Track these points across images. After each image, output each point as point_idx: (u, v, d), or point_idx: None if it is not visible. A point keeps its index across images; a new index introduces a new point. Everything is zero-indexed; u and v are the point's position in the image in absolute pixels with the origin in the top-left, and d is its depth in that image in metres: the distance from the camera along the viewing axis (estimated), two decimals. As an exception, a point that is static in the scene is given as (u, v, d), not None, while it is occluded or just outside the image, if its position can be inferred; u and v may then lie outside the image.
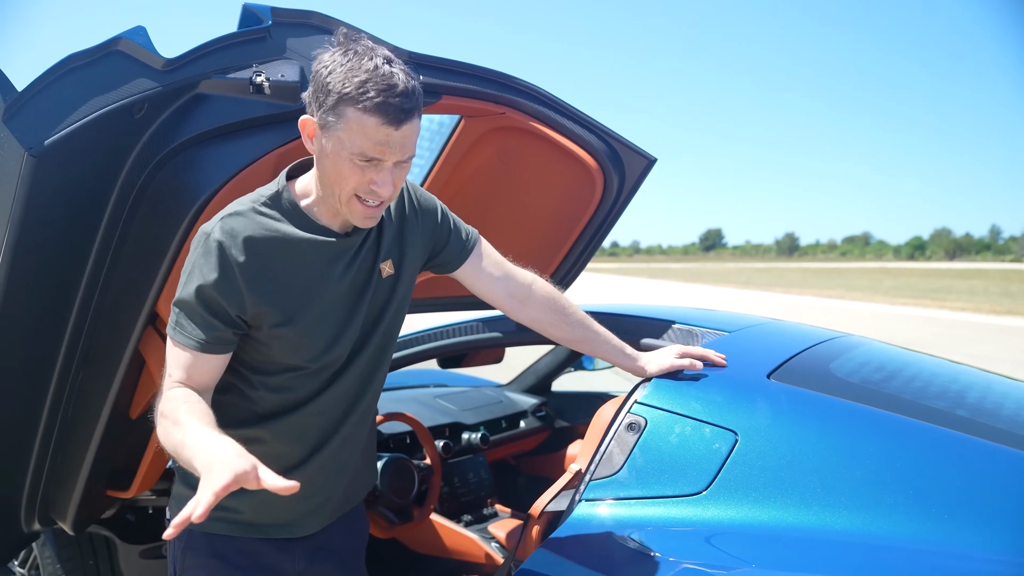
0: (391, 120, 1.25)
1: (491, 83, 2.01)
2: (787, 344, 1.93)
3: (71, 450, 1.92)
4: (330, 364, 1.48)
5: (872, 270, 67.81)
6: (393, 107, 1.25)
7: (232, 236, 1.35)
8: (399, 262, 1.55)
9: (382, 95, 1.24)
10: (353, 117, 1.25)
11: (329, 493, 1.58)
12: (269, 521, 1.53)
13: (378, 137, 1.26)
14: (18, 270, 1.54)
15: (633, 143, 2.24)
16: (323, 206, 1.41)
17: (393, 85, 1.25)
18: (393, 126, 1.26)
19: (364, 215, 1.36)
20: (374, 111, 1.24)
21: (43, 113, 1.46)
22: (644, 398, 1.62)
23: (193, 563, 1.52)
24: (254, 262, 1.35)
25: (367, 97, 1.24)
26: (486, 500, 2.83)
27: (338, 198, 1.34)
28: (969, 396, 1.79)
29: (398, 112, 1.25)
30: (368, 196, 1.33)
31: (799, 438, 1.46)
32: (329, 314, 1.44)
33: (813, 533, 1.32)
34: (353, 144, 1.27)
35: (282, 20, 1.73)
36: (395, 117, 1.25)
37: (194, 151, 1.65)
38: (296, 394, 1.47)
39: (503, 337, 2.49)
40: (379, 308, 1.53)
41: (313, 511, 1.57)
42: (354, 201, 1.34)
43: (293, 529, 1.55)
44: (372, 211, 1.36)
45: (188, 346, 1.35)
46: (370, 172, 1.30)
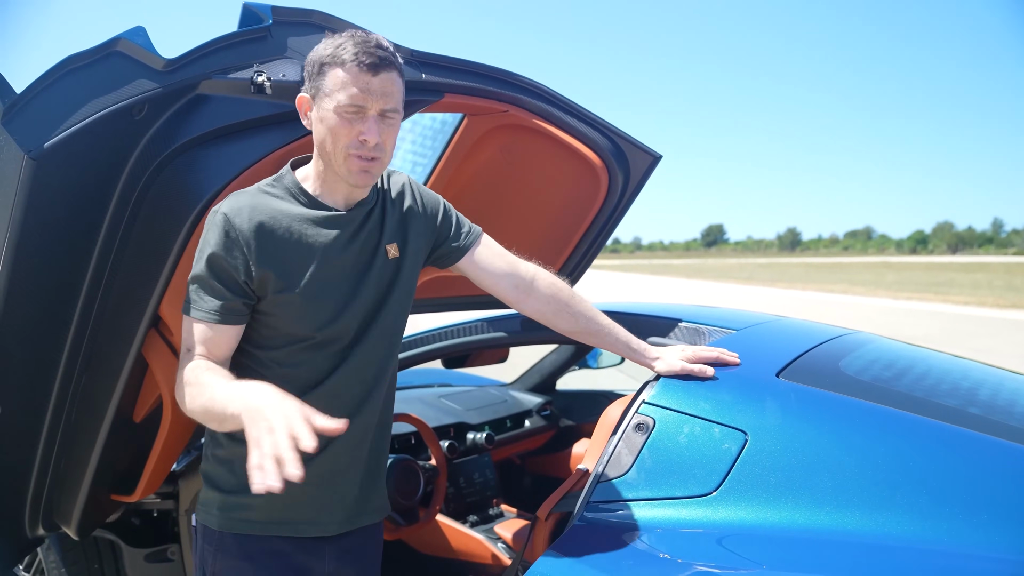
0: (368, 67, 1.38)
1: (494, 81, 2.00)
2: (795, 342, 1.91)
3: (75, 454, 1.91)
4: (337, 337, 1.51)
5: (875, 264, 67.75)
6: (368, 55, 1.38)
7: (237, 208, 1.44)
8: (402, 247, 1.60)
9: (357, 47, 1.38)
10: (335, 72, 1.39)
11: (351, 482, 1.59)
12: (298, 518, 1.54)
13: (358, 84, 1.38)
14: (19, 274, 1.52)
15: (638, 140, 2.22)
16: (324, 184, 1.51)
17: (367, 40, 1.40)
18: (371, 72, 1.38)
19: (360, 168, 1.44)
20: (352, 61, 1.38)
21: (43, 115, 1.44)
22: (652, 398, 1.60)
23: (225, 566, 1.53)
24: (258, 231, 1.43)
25: (345, 52, 1.38)
26: (492, 500, 2.82)
27: (335, 159, 1.44)
28: (980, 393, 1.77)
29: (373, 59, 1.38)
30: (359, 149, 1.42)
31: (810, 437, 1.45)
32: (332, 284, 1.49)
33: (825, 534, 1.31)
34: (338, 96, 1.39)
35: (283, 19, 1.72)
36: (371, 64, 1.38)
37: (195, 152, 1.64)
38: (308, 372, 1.50)
39: (508, 337, 2.47)
40: (385, 288, 1.57)
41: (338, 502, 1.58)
42: (350, 158, 1.43)
43: (323, 526, 1.56)
44: (368, 165, 1.44)
45: (202, 319, 1.43)
46: (357, 124, 1.41)
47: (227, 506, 1.52)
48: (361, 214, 1.54)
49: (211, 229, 1.45)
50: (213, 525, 1.53)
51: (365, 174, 1.45)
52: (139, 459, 2.06)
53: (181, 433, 2.02)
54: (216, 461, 1.55)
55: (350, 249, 1.52)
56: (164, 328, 1.79)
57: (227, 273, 1.43)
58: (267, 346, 1.51)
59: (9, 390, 1.69)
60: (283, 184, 1.51)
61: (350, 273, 1.52)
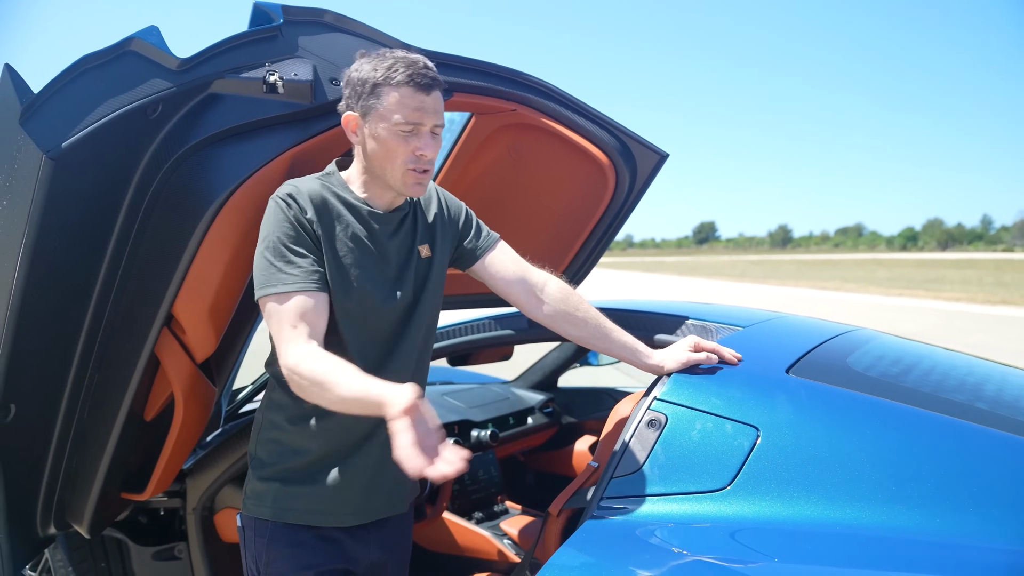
0: (422, 87, 1.48)
1: (502, 80, 2.00)
2: (803, 339, 1.93)
3: (87, 453, 1.91)
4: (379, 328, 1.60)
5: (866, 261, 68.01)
6: (420, 75, 1.48)
7: (297, 189, 1.54)
8: (432, 248, 1.70)
9: (410, 69, 1.47)
10: (391, 93, 1.48)
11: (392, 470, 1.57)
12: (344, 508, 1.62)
13: (414, 104, 1.48)
14: (36, 273, 1.53)
15: (644, 138, 2.23)
16: (369, 190, 1.60)
17: (416, 62, 1.49)
18: (424, 92, 1.49)
19: (416, 182, 1.54)
20: (407, 82, 1.47)
21: (59, 115, 1.45)
22: (664, 394, 1.62)
23: (278, 554, 1.60)
24: (316, 208, 1.53)
25: (398, 73, 1.47)
26: (496, 497, 2.83)
27: (391, 174, 1.53)
28: (987, 388, 1.79)
29: (425, 79, 1.48)
30: (416, 163, 1.52)
31: (821, 433, 1.46)
32: (375, 277, 1.58)
33: (837, 528, 1.33)
34: (395, 115, 1.48)
35: (293, 18, 1.72)
36: (424, 84, 1.48)
37: (208, 151, 1.65)
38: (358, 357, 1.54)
39: (513, 335, 2.49)
40: (420, 284, 1.66)
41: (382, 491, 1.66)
42: (408, 173, 1.52)
43: (367, 514, 1.65)
44: (422, 177, 1.55)
45: (289, 291, 1.46)
46: (413, 140, 1.50)
47: (279, 496, 1.60)
48: (398, 217, 1.64)
49: (275, 210, 1.52)
50: (265, 516, 1.61)
51: (419, 186, 1.55)
52: (150, 457, 2.07)
53: (192, 432, 2.02)
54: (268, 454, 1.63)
55: (390, 246, 1.61)
56: (177, 327, 1.80)
57: (298, 241, 1.50)
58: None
59: (23, 389, 1.69)
60: (333, 181, 1.61)
61: (391, 268, 1.61)
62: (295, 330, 1.43)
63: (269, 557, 1.61)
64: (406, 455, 1.15)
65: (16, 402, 1.70)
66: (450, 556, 2.47)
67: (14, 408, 1.70)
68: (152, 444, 2.04)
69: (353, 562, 1.66)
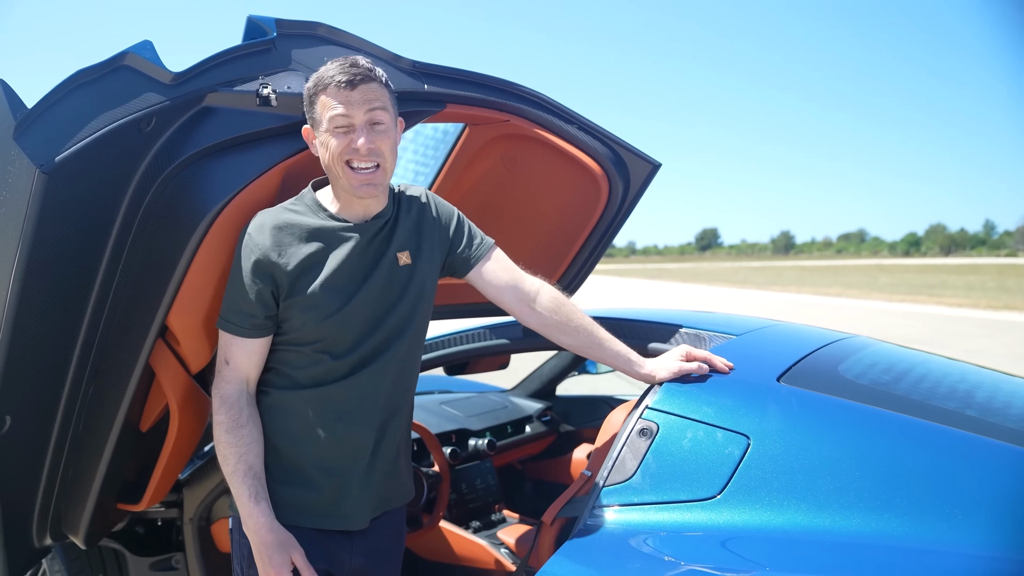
0: (345, 84, 1.50)
1: (495, 91, 2.02)
2: (795, 347, 1.94)
3: (83, 464, 1.91)
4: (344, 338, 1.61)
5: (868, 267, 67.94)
6: (343, 73, 1.50)
7: (259, 225, 1.59)
8: (416, 253, 1.69)
9: (334, 70, 1.51)
10: (322, 99, 1.53)
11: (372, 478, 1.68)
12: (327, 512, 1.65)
13: (339, 100, 1.51)
14: (30, 286, 1.54)
15: (637, 148, 2.24)
16: (341, 202, 1.63)
17: (343, 62, 1.52)
18: (348, 88, 1.50)
19: (362, 181, 1.55)
20: (330, 82, 1.51)
21: (53, 129, 1.46)
22: (655, 403, 1.62)
23: None
24: (276, 240, 1.57)
25: (326, 78, 1.52)
26: (494, 506, 2.83)
27: (338, 175, 1.56)
28: (977, 396, 1.79)
29: (348, 76, 1.50)
30: (354, 157, 1.53)
31: (811, 441, 1.47)
32: (339, 287, 1.59)
33: (827, 536, 1.33)
34: (326, 116, 1.52)
35: (287, 32, 1.73)
36: (348, 81, 1.50)
37: (202, 164, 1.65)
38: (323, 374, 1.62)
39: (509, 344, 2.49)
40: (400, 291, 1.66)
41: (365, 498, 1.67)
42: (348, 171, 1.55)
43: (349, 520, 1.67)
44: (366, 176, 1.55)
45: (237, 334, 1.59)
46: (349, 135, 1.52)
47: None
48: (376, 226, 1.64)
49: (241, 246, 1.59)
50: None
51: (368, 186, 1.56)
52: (146, 468, 2.07)
53: (187, 442, 2.03)
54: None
55: (362, 257, 1.62)
56: (171, 338, 1.80)
57: (257, 287, 1.56)
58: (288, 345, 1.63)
59: (18, 401, 1.69)
60: (304, 202, 1.64)
61: (357, 278, 1.61)
62: (227, 366, 1.60)
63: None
64: None
65: (11, 413, 1.70)
66: (447, 565, 2.47)
67: (9, 420, 1.70)
68: (148, 455, 2.04)
69: (335, 566, 1.67)
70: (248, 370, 1.62)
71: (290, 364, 1.64)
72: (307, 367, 1.62)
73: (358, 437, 1.65)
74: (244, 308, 1.58)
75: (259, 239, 1.57)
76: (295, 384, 1.63)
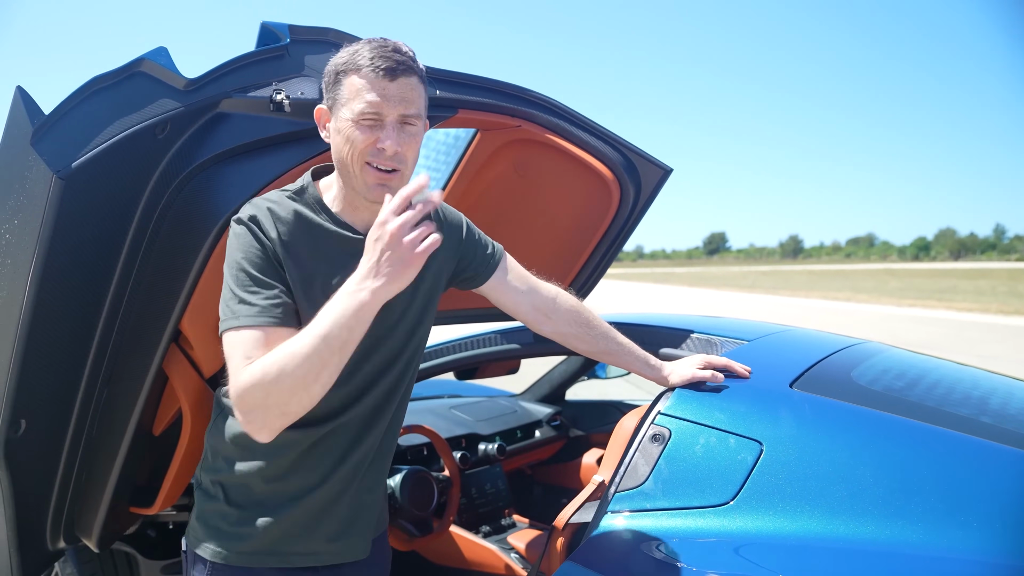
0: (385, 72, 1.30)
1: (506, 96, 2.02)
2: (807, 352, 1.93)
3: (96, 467, 1.92)
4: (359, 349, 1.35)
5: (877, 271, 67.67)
6: (385, 59, 1.30)
7: (259, 208, 1.38)
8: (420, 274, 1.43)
9: (374, 52, 1.31)
10: (351, 80, 1.32)
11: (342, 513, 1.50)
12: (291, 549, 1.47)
13: (376, 90, 1.30)
14: (46, 291, 1.55)
15: (648, 154, 2.25)
16: (345, 201, 1.43)
17: (384, 46, 1.32)
18: (388, 78, 1.31)
19: (377, 180, 1.35)
20: (368, 67, 1.30)
21: (69, 135, 1.47)
22: (668, 409, 1.62)
23: None
24: (279, 233, 1.37)
25: (362, 58, 1.31)
26: (504, 510, 2.83)
27: (353, 172, 1.36)
28: (992, 402, 1.78)
29: (390, 63, 1.30)
30: (377, 158, 1.34)
31: (824, 447, 1.47)
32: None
33: (840, 543, 1.32)
34: (354, 105, 1.31)
35: (300, 38, 1.74)
36: (388, 68, 1.30)
37: (216, 170, 1.67)
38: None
39: (520, 349, 2.49)
40: (395, 317, 1.48)
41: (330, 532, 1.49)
42: (367, 168, 1.35)
43: (318, 557, 1.49)
44: (385, 177, 1.35)
45: (246, 325, 1.29)
46: (376, 131, 1.32)
47: (220, 536, 1.45)
48: None
49: (237, 234, 1.37)
50: (205, 555, 1.46)
51: (382, 187, 1.34)
52: (158, 472, 2.09)
53: (200, 446, 2.03)
54: (211, 484, 1.48)
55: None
56: (184, 343, 1.82)
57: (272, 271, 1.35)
58: None
59: (34, 404, 1.71)
60: (304, 195, 1.44)
61: None
62: (249, 359, 1.26)
63: None
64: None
65: (27, 417, 1.71)
66: (457, 570, 2.46)
67: (24, 423, 1.71)
68: (160, 459, 2.05)
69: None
70: None
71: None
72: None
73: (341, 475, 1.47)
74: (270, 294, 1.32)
75: (264, 222, 1.36)
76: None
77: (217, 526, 1.45)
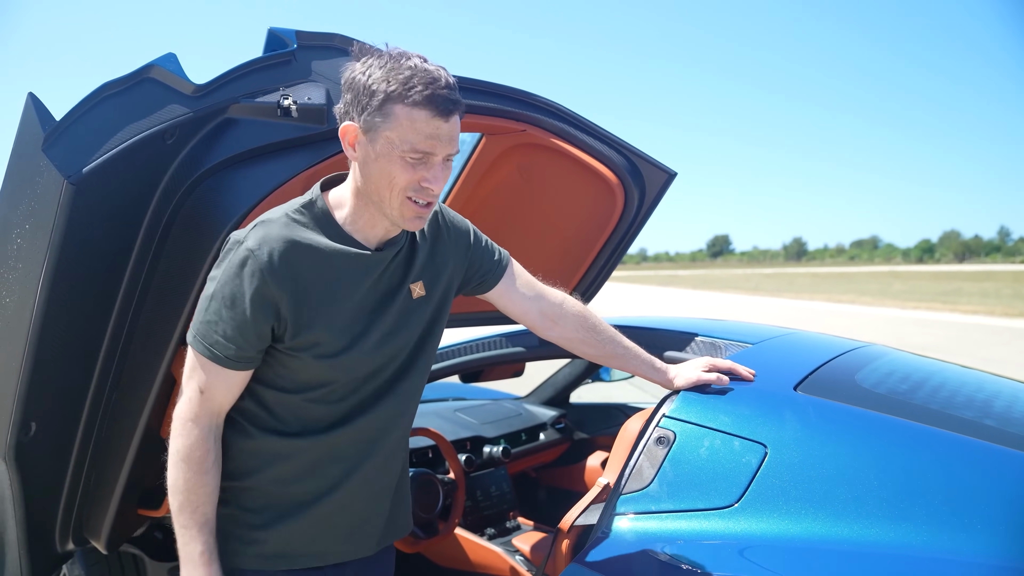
0: (440, 112, 1.26)
1: (511, 101, 2.04)
2: (811, 355, 1.94)
3: (105, 470, 1.94)
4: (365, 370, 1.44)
5: (881, 274, 67.52)
6: (441, 98, 1.25)
7: (261, 240, 1.32)
8: (431, 284, 1.52)
9: (429, 88, 1.25)
10: (402, 113, 1.25)
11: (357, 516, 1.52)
12: (302, 551, 1.47)
13: (429, 130, 1.26)
14: (56, 294, 1.56)
15: (653, 157, 2.26)
16: (361, 219, 1.40)
17: (437, 79, 1.26)
18: (443, 118, 1.27)
19: (415, 215, 1.34)
20: (424, 104, 1.25)
21: (80, 141, 1.49)
22: (672, 412, 1.63)
23: None
24: (283, 268, 1.32)
25: (415, 91, 1.24)
26: (508, 513, 2.84)
27: (388, 203, 1.33)
28: (996, 405, 1.79)
29: (446, 103, 1.26)
30: (419, 194, 1.32)
31: (829, 450, 1.47)
32: (348, 325, 1.39)
33: (844, 545, 1.33)
34: (404, 141, 1.26)
35: (307, 43, 1.76)
36: (444, 108, 1.26)
37: (224, 175, 1.68)
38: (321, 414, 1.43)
39: (525, 352, 2.51)
40: (411, 326, 1.48)
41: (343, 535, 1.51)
42: (406, 203, 1.32)
43: (324, 557, 1.49)
44: (423, 211, 1.34)
45: (216, 362, 1.33)
46: (420, 169, 1.30)
47: (231, 539, 1.45)
48: (390, 254, 1.43)
49: (234, 265, 1.32)
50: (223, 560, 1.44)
51: (418, 219, 1.35)
52: (165, 474, 2.10)
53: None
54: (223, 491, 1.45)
55: (374, 290, 1.43)
56: (193, 346, 1.83)
57: (249, 316, 1.32)
58: (279, 388, 1.41)
59: (44, 407, 1.72)
60: (313, 212, 1.39)
61: (366, 314, 1.42)
62: (201, 396, 1.35)
63: None
64: None
65: (37, 420, 1.73)
66: (462, 572, 2.47)
67: (35, 426, 1.73)
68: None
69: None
70: (225, 404, 1.39)
71: (279, 406, 1.42)
72: (299, 410, 1.42)
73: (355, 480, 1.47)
74: (234, 337, 1.32)
75: (265, 262, 1.30)
76: (284, 429, 1.43)
77: (229, 531, 1.45)
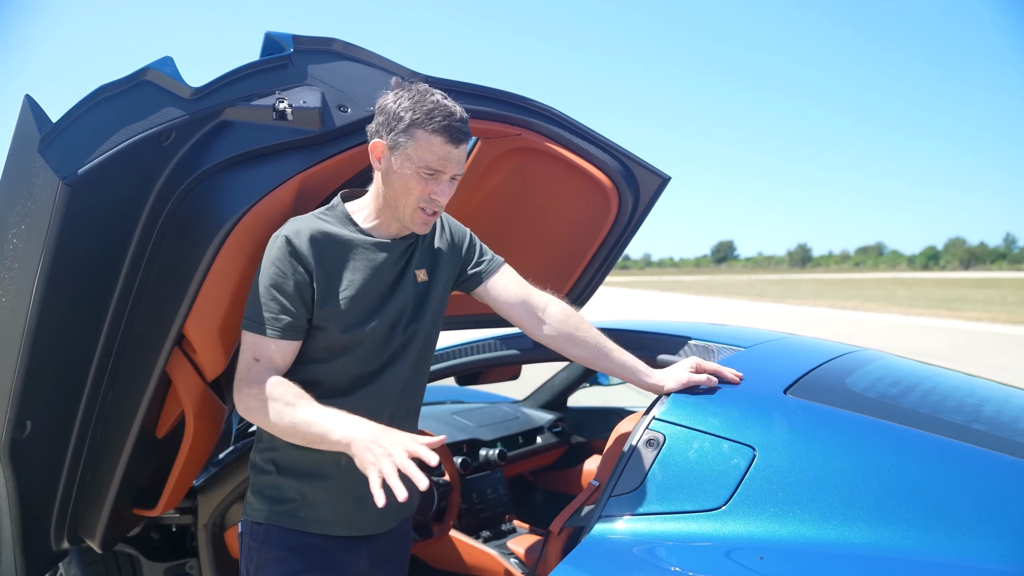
0: (452, 139, 1.56)
1: (507, 105, 2.05)
2: (803, 359, 1.94)
3: (100, 469, 1.95)
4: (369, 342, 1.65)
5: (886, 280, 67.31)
6: (454, 129, 1.56)
7: (296, 230, 1.61)
8: (431, 273, 1.77)
9: (446, 119, 1.55)
10: (422, 136, 1.55)
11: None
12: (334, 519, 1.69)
13: (442, 153, 1.56)
14: (52, 295, 1.58)
15: (647, 162, 2.27)
16: (378, 220, 1.68)
17: (453, 113, 1.57)
18: (453, 144, 1.57)
19: (423, 222, 1.64)
20: (440, 131, 1.55)
21: (76, 143, 1.51)
22: (662, 414, 1.64)
23: (269, 556, 1.66)
24: (314, 248, 1.61)
25: (435, 120, 1.55)
26: (504, 516, 2.84)
27: (403, 209, 1.62)
28: (986, 410, 1.79)
29: (458, 133, 1.57)
30: (428, 204, 1.61)
31: (817, 453, 1.48)
32: (368, 299, 1.65)
33: (832, 548, 1.34)
34: (421, 159, 1.56)
35: (303, 47, 1.78)
36: (455, 137, 1.56)
37: (219, 177, 1.70)
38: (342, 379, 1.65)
39: (521, 355, 2.51)
40: (417, 306, 1.73)
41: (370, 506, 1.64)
42: (417, 211, 1.62)
43: (356, 527, 1.71)
44: (429, 219, 1.64)
45: (270, 336, 1.58)
46: (431, 184, 1.59)
47: (273, 500, 1.68)
48: (403, 245, 1.71)
49: (273, 251, 1.60)
50: (260, 519, 1.68)
51: (425, 225, 1.65)
52: (161, 474, 2.11)
53: (202, 449, 2.06)
54: (265, 461, 1.70)
55: (389, 272, 1.68)
56: (188, 346, 1.84)
57: (292, 291, 1.58)
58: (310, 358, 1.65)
59: (39, 406, 1.73)
60: (335, 214, 1.68)
61: (383, 292, 1.67)
62: (257, 363, 1.58)
63: (260, 560, 1.67)
64: (377, 495, 1.32)
65: (32, 419, 1.74)
66: (457, 574, 2.48)
67: (30, 425, 1.74)
68: (163, 461, 2.08)
69: (340, 571, 1.70)
70: (281, 367, 1.61)
71: (303, 375, 1.62)
72: (321, 378, 1.64)
73: None
74: (281, 310, 1.58)
75: (298, 244, 1.59)
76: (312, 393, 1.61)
77: (270, 495, 1.68)
